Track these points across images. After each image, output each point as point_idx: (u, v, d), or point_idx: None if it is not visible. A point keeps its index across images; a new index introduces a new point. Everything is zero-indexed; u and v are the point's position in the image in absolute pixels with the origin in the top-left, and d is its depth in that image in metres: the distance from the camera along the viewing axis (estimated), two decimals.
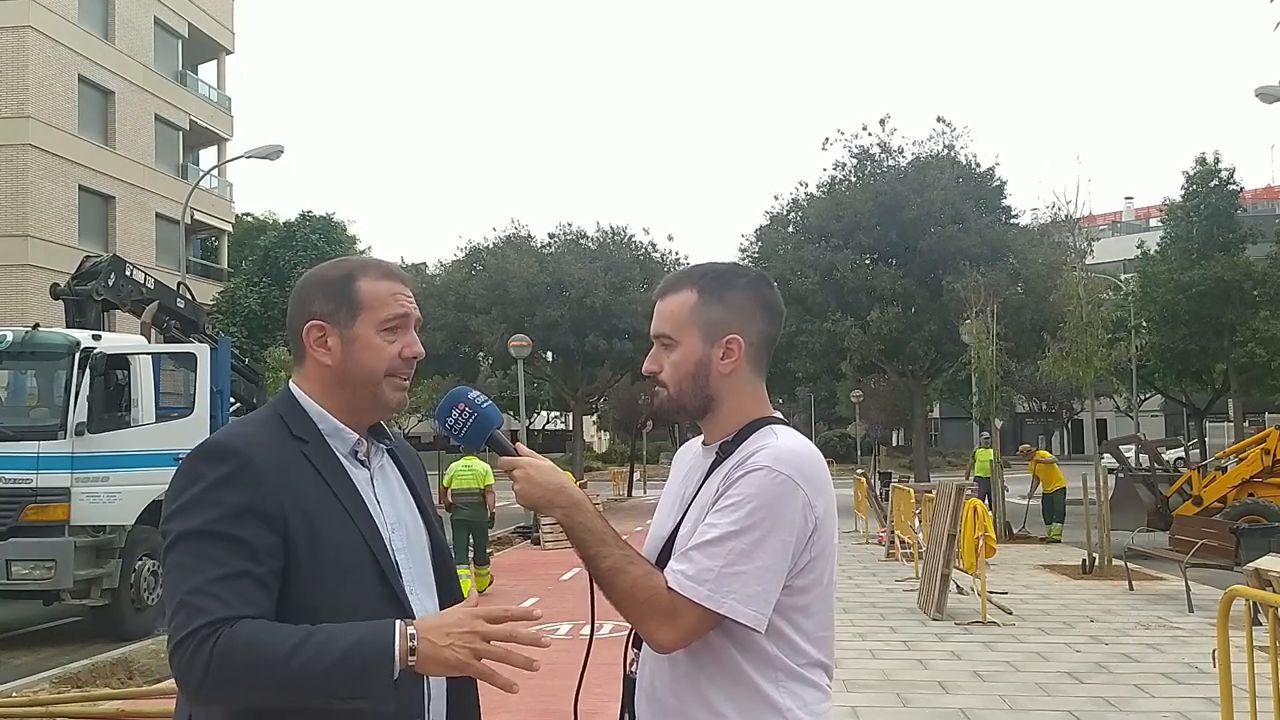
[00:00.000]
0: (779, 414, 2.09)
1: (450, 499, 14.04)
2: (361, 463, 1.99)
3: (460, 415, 2.01)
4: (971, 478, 22.69)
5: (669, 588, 1.87)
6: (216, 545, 1.75)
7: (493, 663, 1.75)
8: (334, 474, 1.91)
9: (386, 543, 1.92)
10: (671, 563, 1.92)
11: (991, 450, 22.32)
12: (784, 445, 1.94)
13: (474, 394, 2.04)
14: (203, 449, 1.86)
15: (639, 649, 2.05)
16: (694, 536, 1.92)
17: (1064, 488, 20.04)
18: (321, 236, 39.43)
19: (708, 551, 1.87)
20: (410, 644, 1.70)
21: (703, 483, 2.03)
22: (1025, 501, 21.74)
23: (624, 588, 1.88)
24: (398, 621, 1.72)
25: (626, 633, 2.05)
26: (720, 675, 1.92)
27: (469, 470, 13.87)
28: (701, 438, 2.15)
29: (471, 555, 13.93)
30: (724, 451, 2.01)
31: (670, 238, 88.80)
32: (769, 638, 1.91)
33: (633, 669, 2.08)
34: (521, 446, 2.01)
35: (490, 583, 14.54)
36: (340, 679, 1.68)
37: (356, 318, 1.95)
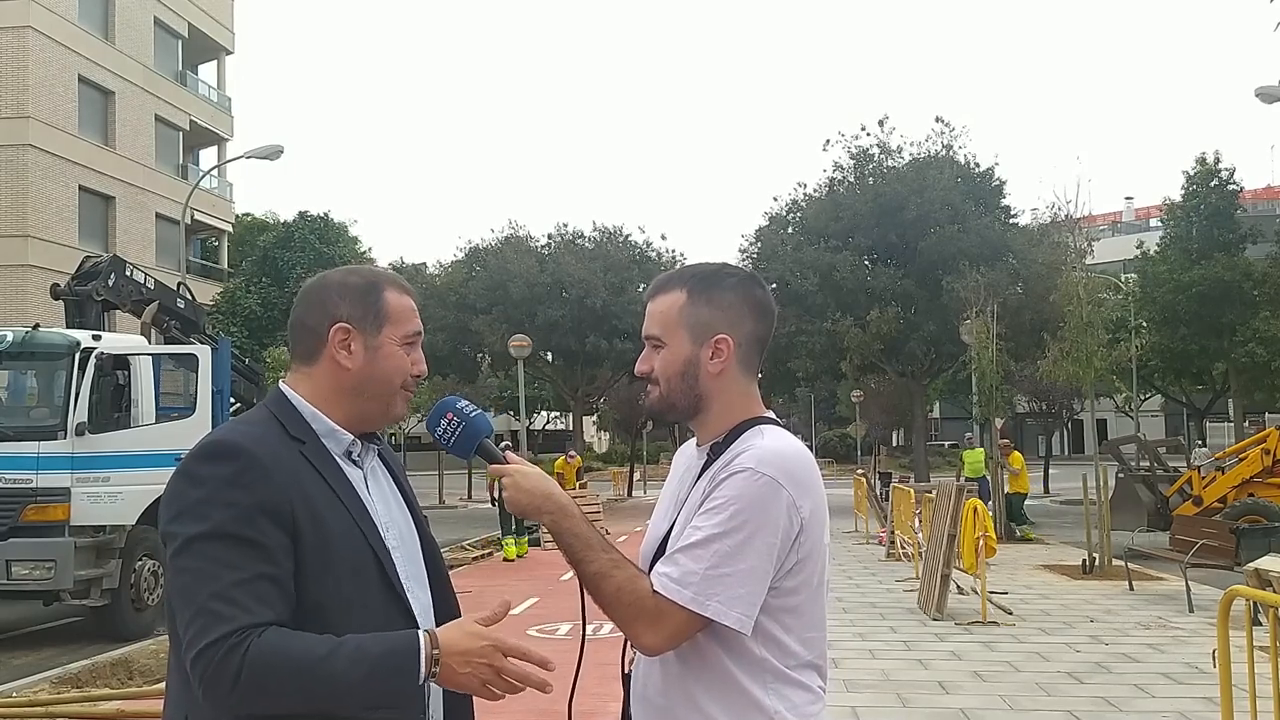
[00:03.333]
0: (771, 414, 2.09)
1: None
2: (355, 463, 2.00)
3: (449, 424, 2.02)
4: (962, 479, 22.67)
5: (654, 590, 1.88)
6: (232, 548, 1.74)
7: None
8: (331, 472, 1.92)
9: (383, 540, 1.93)
10: (657, 565, 1.93)
11: (981, 451, 22.37)
12: (769, 446, 1.94)
13: (462, 403, 2.05)
14: (205, 448, 1.85)
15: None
16: (679, 539, 1.93)
17: (1019, 493, 20.17)
18: (319, 237, 39.41)
19: (692, 554, 1.88)
20: (434, 667, 1.76)
21: (694, 484, 2.03)
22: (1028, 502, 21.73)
23: (609, 591, 1.89)
24: (422, 634, 1.77)
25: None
26: (708, 677, 1.93)
27: None
28: (696, 438, 2.15)
29: (514, 528, 18.13)
30: (714, 452, 2.01)
31: (664, 237, 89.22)
32: (756, 640, 1.91)
33: (631, 668, 2.09)
34: (511, 454, 2.03)
35: (528, 549, 18.38)
36: (371, 690, 1.72)
37: (382, 328, 1.99)
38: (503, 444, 2.08)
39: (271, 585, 1.75)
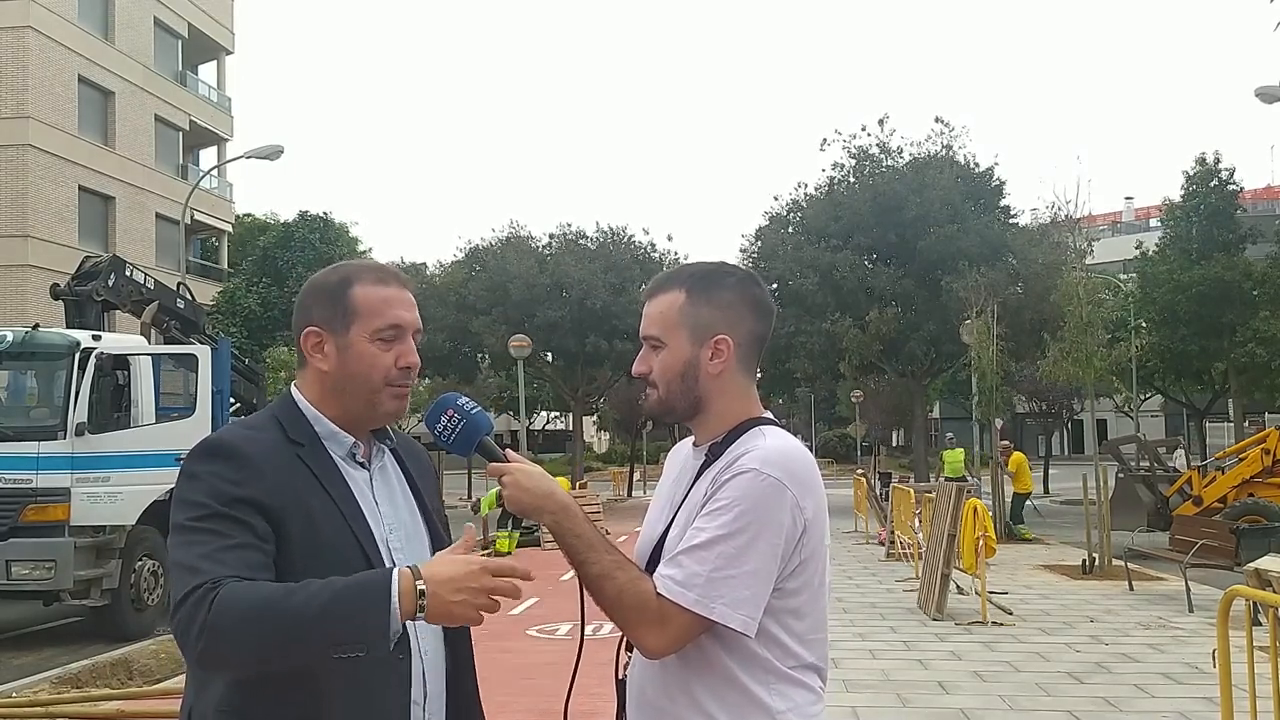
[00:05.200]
0: (770, 414, 2.08)
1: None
2: (361, 464, 1.99)
3: (449, 422, 1.99)
4: (941, 479, 22.64)
5: (657, 593, 1.87)
6: (218, 523, 1.78)
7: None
8: (329, 475, 1.92)
9: (382, 543, 1.92)
10: (660, 567, 1.91)
11: (961, 451, 22.36)
12: (772, 446, 1.93)
13: (462, 400, 2.02)
14: (201, 447, 1.88)
15: (631, 652, 2.05)
16: (682, 540, 1.91)
17: (1022, 493, 20.20)
18: (319, 237, 39.40)
19: (695, 556, 1.87)
20: (420, 600, 1.66)
21: (692, 485, 2.01)
22: (1028, 503, 21.76)
23: (612, 593, 1.88)
24: (397, 569, 1.68)
25: (620, 635, 2.04)
26: (710, 678, 1.92)
27: None
28: (693, 438, 2.14)
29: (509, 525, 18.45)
30: (713, 453, 2.00)
31: (670, 238, 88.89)
32: (759, 640, 1.90)
33: (625, 673, 2.08)
34: (511, 453, 2.00)
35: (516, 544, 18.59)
36: (331, 623, 1.63)
37: (350, 326, 1.95)
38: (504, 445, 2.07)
39: (256, 552, 1.77)
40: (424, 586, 1.66)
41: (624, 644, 2.06)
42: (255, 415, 2.04)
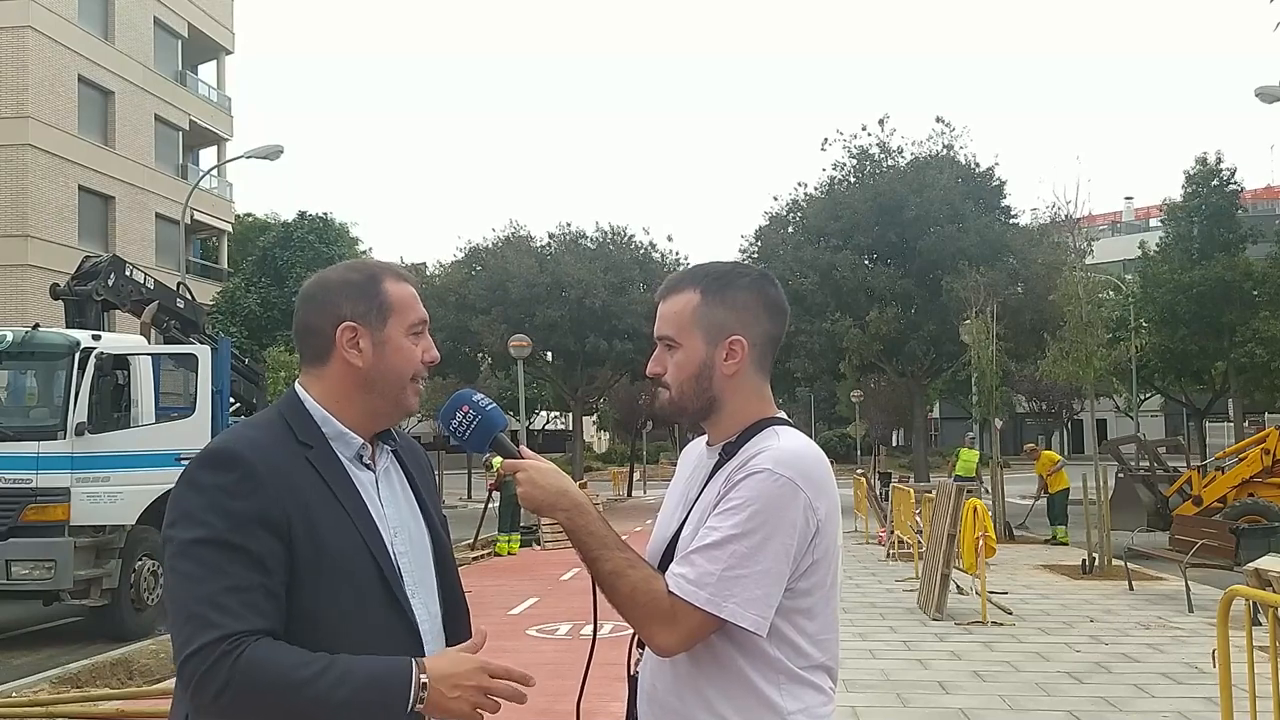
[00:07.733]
0: (783, 414, 2.08)
1: (500, 479, 17.89)
2: (366, 466, 1.98)
3: (464, 418, 1.99)
4: (952, 477, 22.59)
5: (670, 591, 1.87)
6: (225, 555, 1.75)
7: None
8: (337, 478, 1.90)
9: (389, 546, 1.92)
10: (672, 566, 1.92)
11: (976, 452, 22.26)
12: (786, 447, 1.94)
13: (478, 396, 2.02)
14: (207, 455, 1.85)
15: (643, 649, 2.05)
16: (695, 540, 1.91)
17: (1064, 489, 20.06)
18: (319, 237, 39.41)
19: (708, 555, 1.87)
20: (421, 692, 1.75)
21: (705, 484, 2.02)
22: (1030, 501, 21.74)
23: (625, 591, 1.88)
24: (414, 661, 1.78)
25: (630, 633, 2.04)
26: (720, 677, 1.92)
27: None
28: (706, 437, 2.14)
29: (510, 525, 19.08)
30: (727, 453, 2.00)
31: (670, 238, 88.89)
32: (770, 640, 1.90)
33: (637, 669, 2.08)
34: (525, 449, 2.01)
35: (519, 547, 19.13)
36: (354, 713, 1.73)
37: (387, 320, 1.96)
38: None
39: (264, 595, 1.76)
40: (425, 679, 1.76)
41: (635, 640, 2.07)
42: (260, 415, 2.03)
